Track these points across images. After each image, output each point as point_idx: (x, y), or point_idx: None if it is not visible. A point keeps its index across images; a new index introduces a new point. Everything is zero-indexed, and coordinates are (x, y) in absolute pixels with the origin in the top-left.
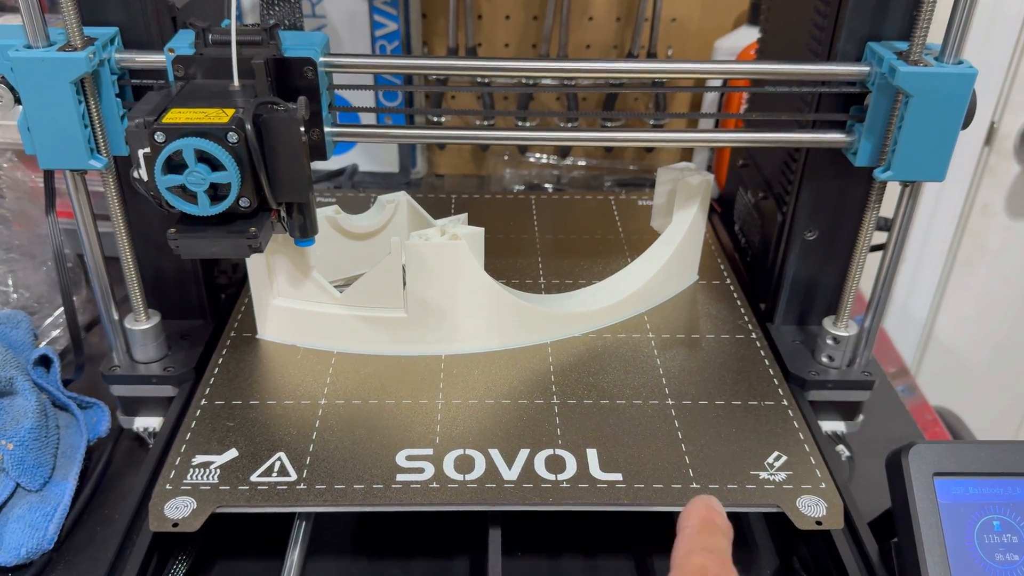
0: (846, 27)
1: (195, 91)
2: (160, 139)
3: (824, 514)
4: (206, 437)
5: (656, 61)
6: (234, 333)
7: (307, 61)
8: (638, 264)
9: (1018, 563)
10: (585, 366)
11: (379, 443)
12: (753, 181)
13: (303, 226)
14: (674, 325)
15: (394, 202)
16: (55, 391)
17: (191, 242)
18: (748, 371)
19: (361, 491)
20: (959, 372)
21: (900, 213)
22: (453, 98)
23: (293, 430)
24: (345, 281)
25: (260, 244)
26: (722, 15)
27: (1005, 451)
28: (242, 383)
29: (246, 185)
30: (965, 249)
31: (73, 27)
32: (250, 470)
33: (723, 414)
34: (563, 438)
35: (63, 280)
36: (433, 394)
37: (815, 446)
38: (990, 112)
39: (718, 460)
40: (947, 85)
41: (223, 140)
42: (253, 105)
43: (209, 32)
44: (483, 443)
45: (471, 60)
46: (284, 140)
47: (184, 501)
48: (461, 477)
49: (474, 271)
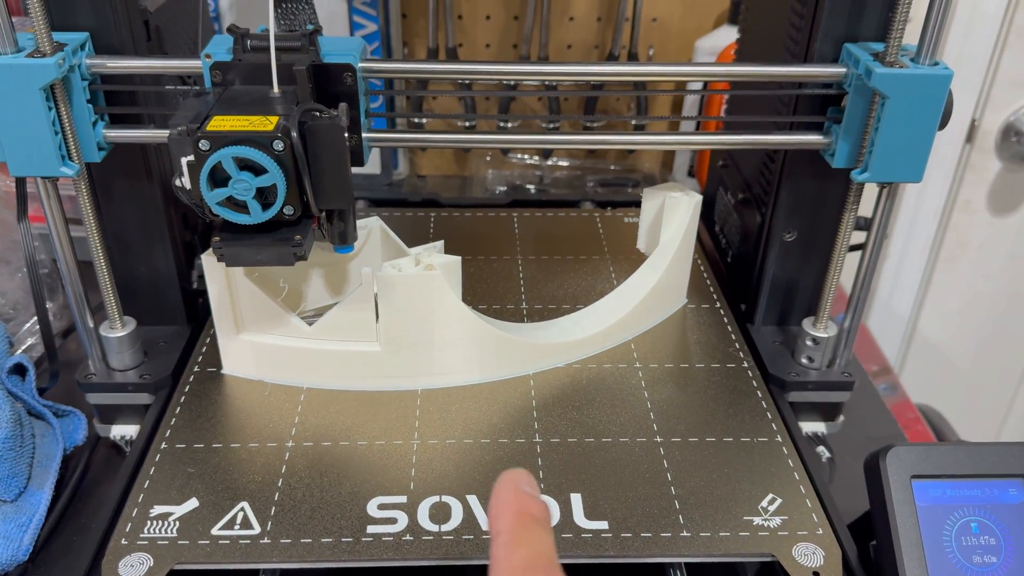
0: (822, 28)
1: (235, 98)
2: (204, 147)
3: (822, 563)
4: (165, 485)
5: (633, 64)
6: (198, 367)
7: (347, 67)
8: (624, 289)
9: (995, 565)
10: (569, 400)
11: (349, 490)
12: (733, 182)
13: (343, 233)
14: (662, 354)
15: (366, 228)
16: (30, 399)
17: (236, 250)
18: (740, 404)
19: (329, 545)
20: (943, 369)
21: (878, 214)
22: (435, 99)
23: (258, 476)
24: (315, 312)
25: (304, 252)
26: (703, 15)
27: (982, 453)
28: (204, 424)
29: (291, 193)
30: (948, 246)
31: (42, 33)
32: (211, 522)
33: (714, 452)
34: (546, 481)
35: (36, 287)
36: (408, 433)
37: (811, 486)
38: (971, 109)
39: (709, 505)
40: (923, 86)
41: (269, 148)
42: (298, 112)
43: (248, 38)
44: (460, 488)
45: (446, 64)
46: (328, 147)
47: (140, 558)
48: (436, 528)
49: (450, 302)
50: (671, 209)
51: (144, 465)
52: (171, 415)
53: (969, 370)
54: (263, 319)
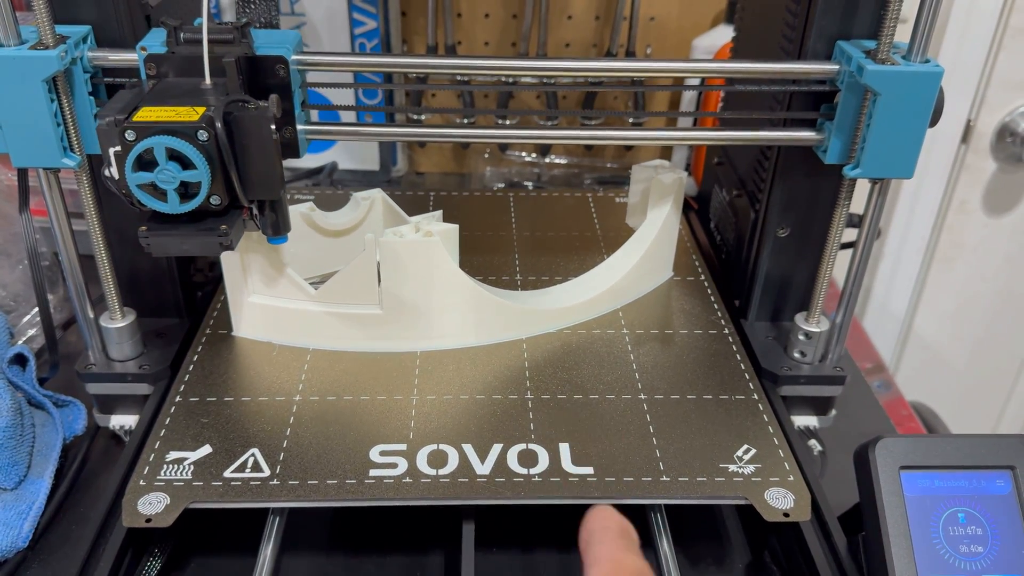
0: (816, 26)
1: (167, 89)
2: (131, 137)
3: (792, 506)
4: (180, 434)
5: (628, 60)
6: (209, 330)
7: (279, 59)
8: (613, 261)
9: (982, 554)
10: (559, 362)
11: (353, 439)
12: (728, 179)
13: (276, 223)
14: (648, 321)
15: (369, 199)
16: (31, 389)
17: (162, 240)
18: (720, 366)
19: (334, 486)
20: (938, 368)
21: (870, 210)
22: (433, 96)
23: (267, 426)
24: (320, 278)
25: (231, 242)
26: (700, 14)
27: (970, 444)
28: (217, 380)
29: (217, 183)
30: (943, 246)
31: (45, 25)
32: (224, 466)
33: (694, 408)
34: (536, 433)
35: (37, 279)
36: (408, 390)
37: (784, 439)
38: (967, 110)
39: (688, 453)
40: (914, 83)
41: (193, 138)
42: (223, 103)
43: (181, 31)
44: (456, 438)
45: (446, 59)
46: (255, 138)
47: (157, 497)
48: (434, 472)
49: (449, 268)
50: (658, 185)
51: (159, 416)
52: (184, 372)
53: (964, 370)
54: (271, 284)
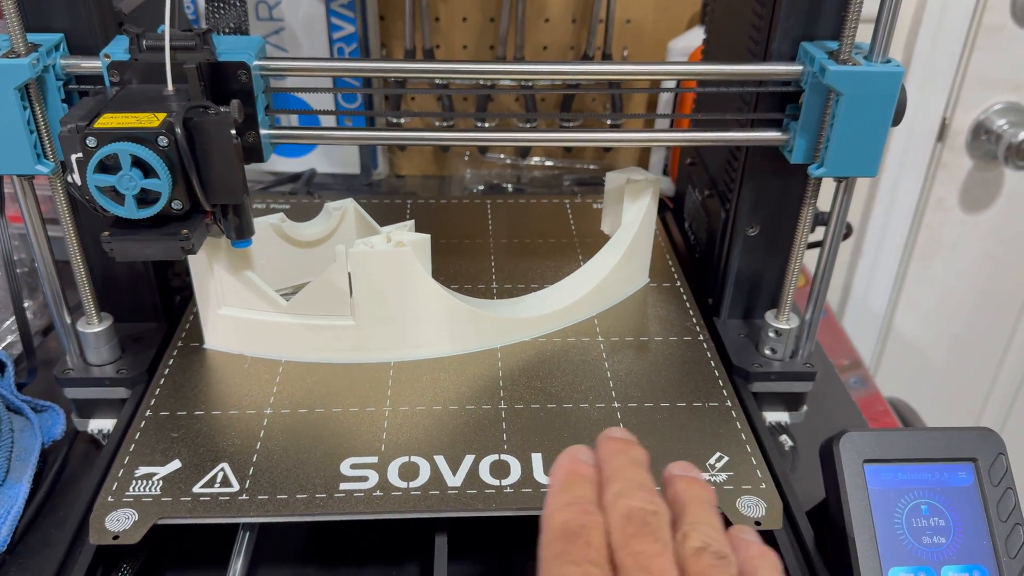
0: (780, 27)
1: (129, 96)
2: (92, 144)
3: (763, 515)
4: (150, 448)
5: (603, 63)
6: (181, 342)
7: (240, 65)
8: (587, 268)
9: (944, 545)
10: (534, 371)
11: (323, 452)
12: (700, 179)
13: (239, 227)
14: (623, 328)
15: (341, 209)
16: (8, 395)
17: (124, 245)
18: (694, 373)
19: (303, 501)
20: (918, 365)
21: (835, 208)
22: (413, 99)
23: (237, 440)
24: (292, 289)
25: (192, 246)
26: (675, 16)
27: (933, 438)
28: (188, 393)
29: (178, 188)
30: (921, 243)
31: (16, 33)
32: (193, 481)
33: (668, 416)
34: (508, 443)
35: (13, 285)
36: (380, 402)
37: (757, 447)
38: (942, 108)
39: (661, 461)
40: (875, 83)
41: (154, 143)
42: (184, 109)
43: (143, 38)
44: (428, 450)
45: (423, 63)
46: (215, 143)
47: (125, 513)
48: (405, 485)
49: (420, 278)
50: (632, 191)
51: (129, 431)
52: (155, 386)
53: (944, 366)
54: (242, 295)
